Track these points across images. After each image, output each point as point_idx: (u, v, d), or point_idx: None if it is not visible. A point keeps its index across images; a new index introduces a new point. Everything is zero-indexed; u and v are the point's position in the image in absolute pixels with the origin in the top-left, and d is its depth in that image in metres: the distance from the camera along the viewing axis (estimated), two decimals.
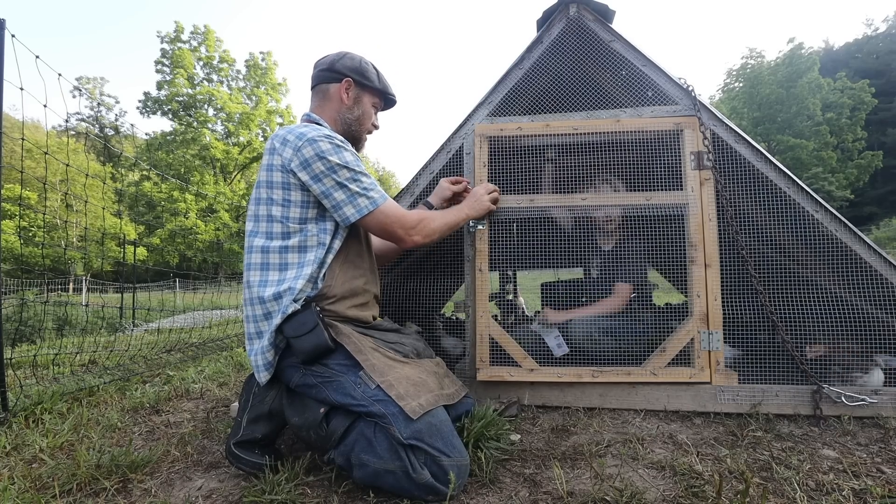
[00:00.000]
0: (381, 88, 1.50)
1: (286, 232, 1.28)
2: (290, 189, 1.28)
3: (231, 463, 1.24)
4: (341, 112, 1.45)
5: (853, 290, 1.67)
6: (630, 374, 1.64)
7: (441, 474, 1.06)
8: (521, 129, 1.81)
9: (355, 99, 1.46)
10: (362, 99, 1.47)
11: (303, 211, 1.30)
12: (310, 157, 1.25)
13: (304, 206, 1.30)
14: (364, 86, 1.47)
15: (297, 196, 1.29)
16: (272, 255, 1.28)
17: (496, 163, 1.82)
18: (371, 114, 1.51)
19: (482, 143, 1.82)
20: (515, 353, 1.70)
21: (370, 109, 1.50)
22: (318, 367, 1.22)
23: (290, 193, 1.28)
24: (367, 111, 1.49)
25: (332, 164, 1.26)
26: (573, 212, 1.88)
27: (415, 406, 1.12)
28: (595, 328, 1.77)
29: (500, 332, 1.72)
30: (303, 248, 1.29)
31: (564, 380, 1.68)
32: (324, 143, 1.27)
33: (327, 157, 1.25)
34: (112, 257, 17.13)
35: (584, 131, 1.78)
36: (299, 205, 1.29)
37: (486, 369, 1.70)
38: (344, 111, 1.45)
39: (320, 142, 1.26)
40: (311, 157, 1.25)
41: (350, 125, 1.47)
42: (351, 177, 1.28)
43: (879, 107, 28.32)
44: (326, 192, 1.27)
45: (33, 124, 35.22)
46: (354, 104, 1.46)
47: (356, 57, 1.48)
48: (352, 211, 1.28)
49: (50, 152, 2.41)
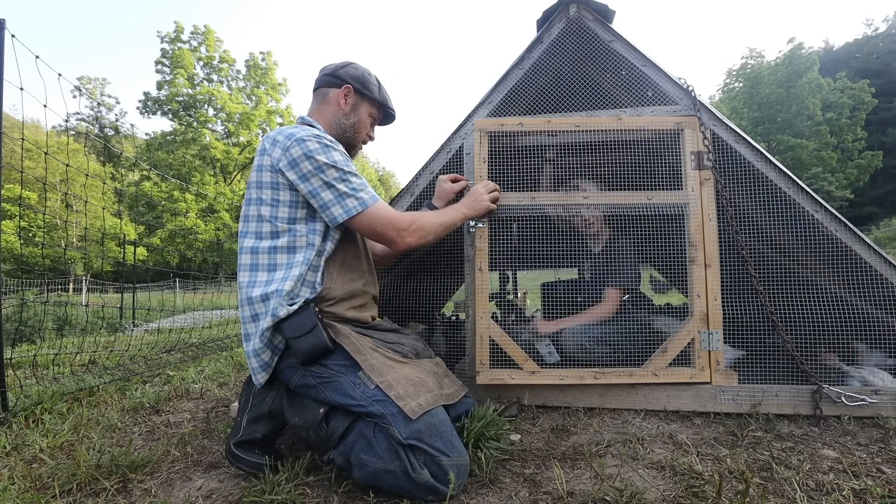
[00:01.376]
0: (381, 100, 1.51)
1: (275, 232, 1.28)
2: (279, 189, 1.28)
3: (231, 463, 1.24)
4: (337, 117, 1.46)
5: (853, 290, 1.67)
6: (632, 374, 1.64)
7: (441, 474, 1.06)
8: (523, 124, 1.80)
9: (353, 106, 1.47)
10: (360, 107, 1.48)
11: (291, 211, 1.29)
12: (297, 156, 1.25)
13: (293, 207, 1.29)
14: (363, 95, 1.47)
15: (285, 196, 1.28)
16: (261, 256, 1.28)
17: (496, 161, 1.81)
18: (367, 124, 1.51)
19: (482, 138, 1.79)
20: (516, 355, 1.68)
21: (367, 119, 1.51)
22: (317, 368, 1.22)
23: (279, 193, 1.28)
24: (363, 120, 1.49)
25: (319, 164, 1.25)
26: (567, 211, 1.88)
27: (414, 406, 1.12)
28: (586, 337, 1.75)
29: (501, 334, 1.70)
30: (291, 249, 1.28)
31: (566, 382, 1.67)
32: (312, 142, 1.26)
33: (315, 156, 1.25)
34: (112, 257, 17.13)
35: (586, 128, 1.77)
36: (288, 205, 1.29)
37: (487, 372, 1.68)
38: (340, 116, 1.46)
39: (308, 141, 1.26)
40: (298, 157, 1.25)
41: (345, 131, 1.47)
42: (339, 176, 1.27)
43: (879, 107, 28.31)
44: (314, 191, 1.26)
45: (33, 124, 35.26)
46: (352, 111, 1.47)
47: (360, 67, 1.49)
48: (339, 211, 1.27)
49: (50, 152, 2.41)
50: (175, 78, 26.04)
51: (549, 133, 1.81)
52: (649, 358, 1.66)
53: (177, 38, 26.38)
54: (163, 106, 26.70)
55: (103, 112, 40.58)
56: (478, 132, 1.80)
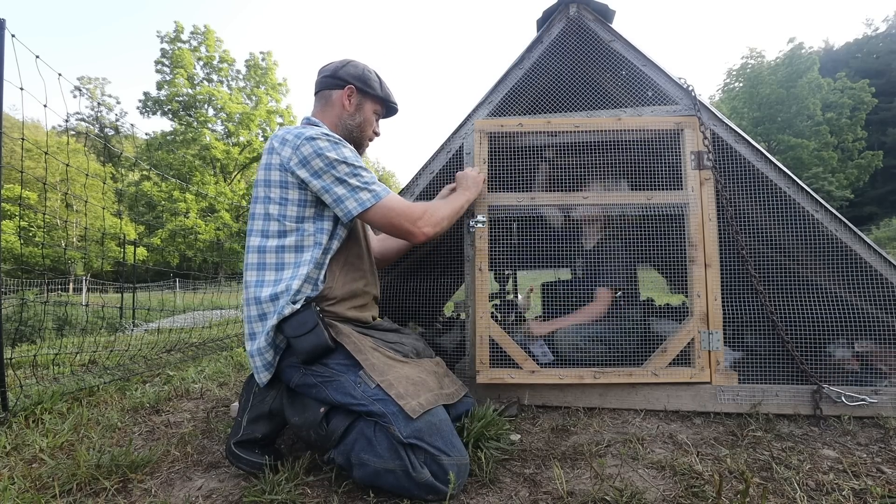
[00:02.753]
0: (383, 96, 1.51)
1: (282, 231, 1.29)
2: (288, 187, 1.29)
3: (231, 462, 1.24)
4: (343, 118, 1.46)
5: (853, 290, 1.67)
6: (632, 374, 1.64)
7: (441, 473, 1.06)
8: (522, 125, 1.80)
9: (357, 106, 1.48)
10: (364, 106, 1.49)
11: (300, 210, 1.30)
12: (308, 154, 1.26)
13: (302, 205, 1.30)
14: (366, 93, 1.48)
15: (294, 195, 1.29)
16: (269, 255, 1.28)
17: (496, 161, 1.81)
18: (372, 121, 1.52)
19: (482, 139, 1.80)
20: (516, 354, 1.68)
21: (371, 116, 1.51)
22: (317, 367, 1.22)
23: (288, 192, 1.29)
24: (368, 118, 1.50)
25: (330, 160, 1.26)
26: (563, 211, 1.87)
27: (414, 405, 1.12)
28: (580, 337, 1.75)
29: (501, 333, 1.70)
30: (299, 248, 1.29)
31: (566, 381, 1.67)
32: (322, 140, 1.27)
33: (325, 153, 1.26)
34: (112, 257, 17.13)
35: (586, 129, 1.77)
36: (296, 203, 1.29)
37: (486, 371, 1.68)
38: (346, 117, 1.47)
39: (318, 139, 1.27)
40: (309, 155, 1.26)
41: (351, 131, 1.48)
42: (350, 171, 1.28)
43: (879, 107, 28.30)
44: (326, 187, 1.27)
45: (33, 124, 35.25)
46: (356, 111, 1.48)
47: (360, 65, 1.49)
48: (354, 205, 1.27)
49: (50, 152, 2.41)
50: (175, 78, 26.04)
51: (549, 133, 1.81)
52: (649, 358, 1.66)
53: (177, 37, 26.39)
54: (163, 106, 26.70)
55: (103, 112, 40.60)
56: (478, 133, 1.80)
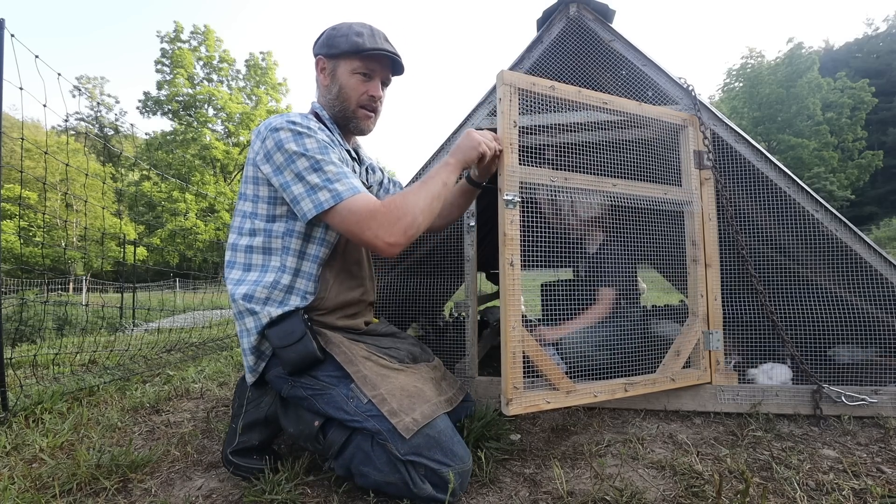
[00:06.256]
0: (351, 48, 1.23)
1: (253, 230, 1.21)
2: (259, 184, 1.19)
3: (229, 471, 1.22)
4: (325, 96, 1.31)
5: (853, 290, 1.67)
6: (655, 382, 1.57)
7: (443, 484, 1.03)
8: (555, 88, 1.53)
9: (331, 75, 1.29)
10: (336, 72, 1.28)
11: (269, 207, 1.20)
12: (271, 147, 1.13)
13: (271, 203, 1.20)
14: (334, 56, 1.26)
15: (264, 191, 1.19)
16: (238, 254, 1.22)
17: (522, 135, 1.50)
18: (353, 84, 1.27)
19: (512, 97, 1.42)
20: (552, 373, 1.38)
21: (350, 79, 1.27)
22: (307, 379, 1.15)
23: (259, 188, 1.20)
24: (346, 83, 1.27)
25: (289, 153, 1.11)
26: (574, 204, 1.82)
27: (408, 422, 1.06)
28: (586, 342, 1.72)
29: (536, 349, 1.37)
30: (267, 251, 1.20)
31: (601, 399, 1.45)
32: (284, 130, 1.13)
33: (285, 145, 1.12)
34: (112, 257, 17.12)
35: (612, 107, 1.64)
36: (266, 200, 1.19)
37: (521, 398, 1.31)
38: (326, 93, 1.31)
39: (281, 130, 1.13)
40: (272, 148, 1.13)
41: (334, 106, 1.30)
42: (310, 166, 1.10)
43: (879, 107, 28.33)
44: (285, 184, 1.13)
45: (33, 124, 35.28)
46: (331, 81, 1.29)
47: (328, 29, 1.30)
48: (309, 206, 1.10)
49: (50, 152, 2.41)
50: (175, 78, 26.02)
51: (578, 105, 1.61)
52: (663, 361, 1.62)
53: (177, 37, 26.36)
54: (163, 106, 26.68)
55: (103, 112, 40.56)
56: (507, 86, 1.42)
